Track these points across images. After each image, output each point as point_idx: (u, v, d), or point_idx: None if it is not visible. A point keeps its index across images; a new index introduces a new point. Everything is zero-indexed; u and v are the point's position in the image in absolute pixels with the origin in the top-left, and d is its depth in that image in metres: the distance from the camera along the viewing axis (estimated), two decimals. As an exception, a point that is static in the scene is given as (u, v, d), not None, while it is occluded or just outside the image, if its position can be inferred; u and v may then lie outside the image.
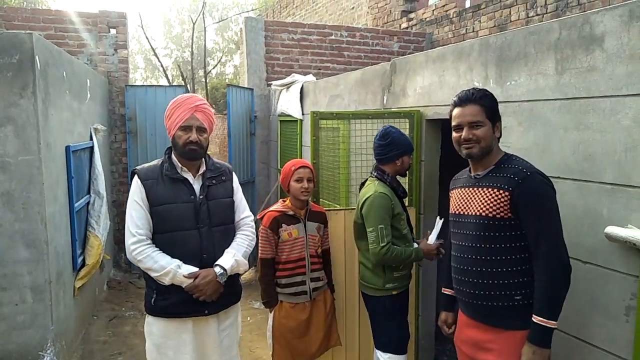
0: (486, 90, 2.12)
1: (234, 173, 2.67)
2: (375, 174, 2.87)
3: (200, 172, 2.48)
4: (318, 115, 3.22)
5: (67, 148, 4.08)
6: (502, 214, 2.00)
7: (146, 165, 2.50)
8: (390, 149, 2.81)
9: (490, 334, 2.08)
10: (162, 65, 15.17)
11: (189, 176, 2.45)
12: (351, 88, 4.37)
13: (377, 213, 2.70)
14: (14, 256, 3.40)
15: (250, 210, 2.73)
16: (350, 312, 3.29)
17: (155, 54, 14.71)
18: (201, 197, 2.43)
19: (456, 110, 2.13)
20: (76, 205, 4.25)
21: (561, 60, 2.32)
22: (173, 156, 2.47)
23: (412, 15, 7.91)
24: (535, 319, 1.91)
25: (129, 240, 2.35)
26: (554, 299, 1.92)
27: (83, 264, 4.40)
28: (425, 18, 7.59)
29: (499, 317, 2.05)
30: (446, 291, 2.44)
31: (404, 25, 8.03)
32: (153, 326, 2.45)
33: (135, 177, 2.42)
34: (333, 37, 7.12)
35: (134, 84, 6.95)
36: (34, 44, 3.36)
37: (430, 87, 3.30)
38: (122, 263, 6.47)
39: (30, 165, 3.41)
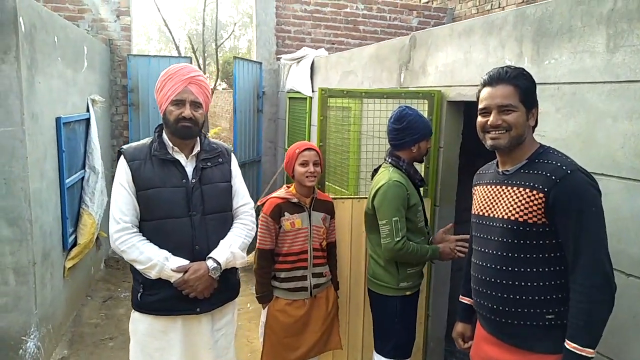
0: (523, 70, 1.77)
1: (233, 155, 2.38)
2: (389, 160, 2.58)
3: (194, 152, 2.21)
4: (327, 93, 2.89)
5: (58, 119, 3.80)
6: (534, 219, 1.68)
7: (134, 144, 2.24)
8: (406, 133, 2.50)
9: (514, 355, 1.78)
10: (172, 37, 14.79)
11: (181, 157, 2.18)
12: (365, 64, 4.01)
13: (391, 204, 2.41)
14: (-5, 235, 3.16)
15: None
16: (354, 310, 3.02)
17: (166, 25, 14.30)
18: (194, 180, 2.16)
19: (485, 91, 1.79)
20: (68, 181, 3.99)
21: (614, 35, 1.96)
22: (164, 135, 2.20)
23: (433, -11, 7.45)
24: (569, 345, 1.60)
25: (112, 227, 2.10)
26: (593, 323, 1.59)
27: (75, 243, 4.16)
28: (448, -8, 7.13)
29: (526, 338, 1.75)
30: (464, 300, 2.14)
31: (425, -1, 7.58)
32: (139, 323, 2.20)
33: (121, 157, 2.16)
34: (348, 9, 6.70)
35: (137, 53, 6.58)
36: (17, 3, 3.05)
37: (454, 64, 2.94)
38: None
39: (13, 138, 3.13)
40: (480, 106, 1.82)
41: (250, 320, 4.34)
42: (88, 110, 4.73)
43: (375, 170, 2.69)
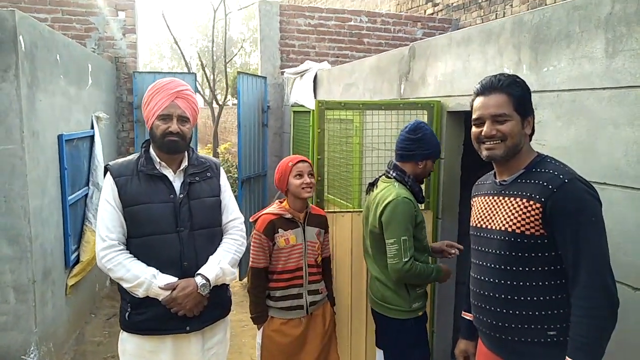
0: (516, 77, 1.72)
1: (221, 169, 2.34)
2: (394, 174, 2.46)
3: (182, 167, 2.17)
4: (324, 105, 2.85)
5: (60, 137, 3.81)
6: (532, 230, 1.61)
7: (121, 159, 2.21)
8: (419, 145, 2.41)
9: (516, 374, 1.70)
10: (182, 54, 14.92)
11: (168, 172, 2.14)
12: (366, 76, 3.98)
13: (401, 222, 2.30)
14: (-5, 253, 3.15)
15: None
16: (356, 327, 2.94)
17: (176, 42, 14.44)
18: (181, 195, 2.12)
19: (478, 100, 1.73)
20: (70, 198, 3.99)
21: (613, 40, 1.90)
22: (151, 150, 2.17)
23: (438, 0, 7.42)
24: None
25: (98, 245, 2.06)
26: (595, 340, 1.51)
27: (77, 261, 4.15)
28: (452, 3, 7.10)
29: (528, 356, 1.67)
30: (466, 316, 2.05)
31: (429, 11, 7.55)
32: (127, 344, 2.15)
33: (108, 173, 2.13)
34: (352, 22, 6.69)
35: (150, 70, 6.62)
36: (16, 22, 3.08)
37: (453, 74, 2.89)
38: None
39: (13, 156, 3.14)
40: (474, 116, 1.76)
41: (254, 337, 4.26)
42: (92, 128, 4.76)
43: (371, 184, 2.61)
